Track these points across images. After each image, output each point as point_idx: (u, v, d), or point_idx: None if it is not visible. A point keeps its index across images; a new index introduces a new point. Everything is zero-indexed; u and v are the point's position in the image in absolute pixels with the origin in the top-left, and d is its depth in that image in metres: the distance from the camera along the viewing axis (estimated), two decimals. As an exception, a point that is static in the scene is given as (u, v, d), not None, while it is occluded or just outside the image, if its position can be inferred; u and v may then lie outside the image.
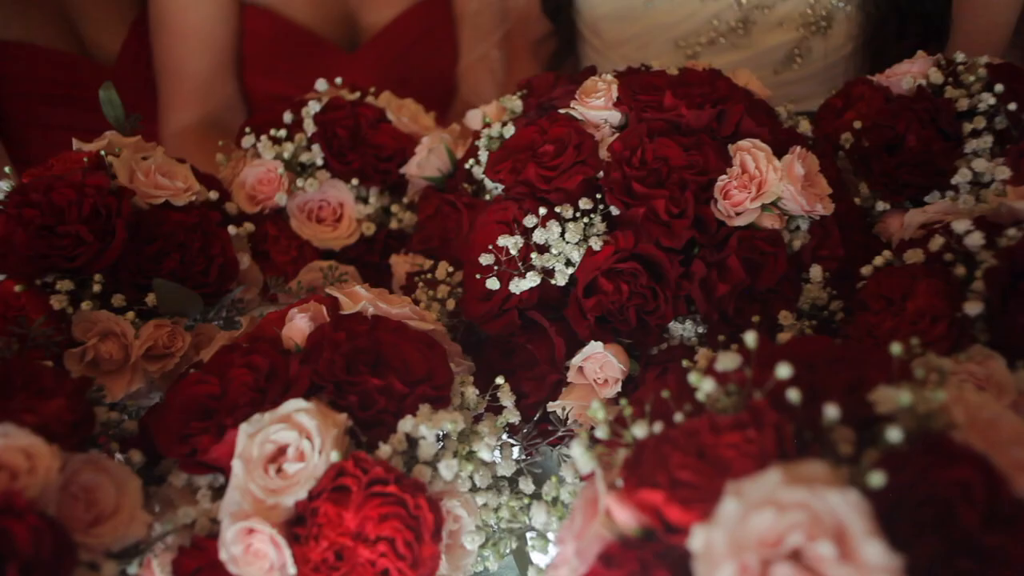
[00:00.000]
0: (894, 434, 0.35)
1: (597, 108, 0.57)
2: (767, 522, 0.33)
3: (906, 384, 0.37)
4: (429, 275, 0.60)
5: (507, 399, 0.49)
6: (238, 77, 1.24)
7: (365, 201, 0.71)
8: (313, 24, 1.22)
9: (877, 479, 0.33)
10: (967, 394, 0.39)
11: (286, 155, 0.69)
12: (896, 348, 0.39)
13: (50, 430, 0.43)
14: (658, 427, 0.40)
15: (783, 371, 0.37)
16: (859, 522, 0.32)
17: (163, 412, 0.49)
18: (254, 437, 0.44)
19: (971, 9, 0.97)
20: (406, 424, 0.45)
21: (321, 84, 0.75)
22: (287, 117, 0.72)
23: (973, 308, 0.48)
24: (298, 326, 0.51)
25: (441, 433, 0.45)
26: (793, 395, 0.37)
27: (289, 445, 0.44)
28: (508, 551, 0.47)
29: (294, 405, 0.45)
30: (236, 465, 0.44)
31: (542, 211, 0.55)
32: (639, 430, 0.40)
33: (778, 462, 0.35)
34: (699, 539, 0.34)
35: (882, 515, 0.33)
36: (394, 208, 0.71)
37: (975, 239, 0.50)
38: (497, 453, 0.48)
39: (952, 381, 0.41)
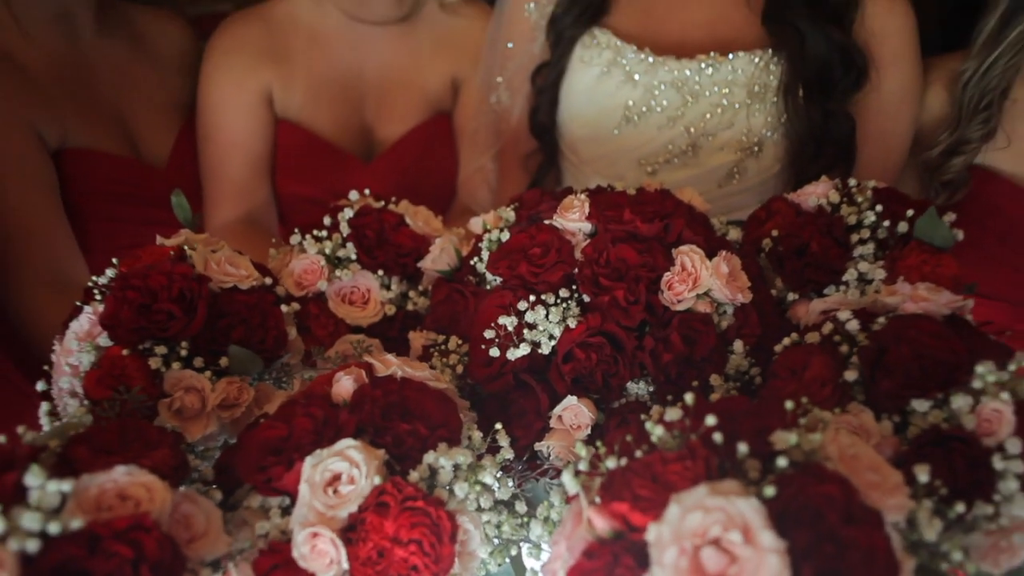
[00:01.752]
0: (781, 462, 0.46)
1: (573, 220, 0.69)
2: (697, 520, 0.44)
3: (794, 430, 0.49)
4: (443, 347, 0.71)
5: (503, 441, 0.60)
6: (272, 181, 1.34)
7: (388, 288, 0.82)
8: (336, 138, 1.33)
9: (770, 491, 0.44)
10: (840, 436, 0.51)
11: (326, 251, 0.80)
12: (789, 404, 0.51)
13: (159, 471, 0.53)
14: (624, 461, 0.51)
15: (710, 420, 0.49)
16: (758, 519, 0.43)
17: (241, 451, 0.59)
18: (316, 467, 0.55)
19: (871, 139, 1.10)
20: (429, 457, 0.56)
21: (353, 195, 0.86)
22: (326, 220, 0.83)
23: (851, 376, 0.60)
24: (344, 385, 0.62)
25: (454, 464, 0.56)
26: (718, 437, 0.48)
27: (342, 473, 0.55)
28: (507, 559, 0.58)
29: (345, 443, 0.56)
30: (303, 488, 0.54)
31: (531, 298, 0.67)
32: (611, 463, 0.51)
33: (706, 481, 0.47)
34: (652, 533, 0.45)
35: (774, 516, 0.44)
36: (411, 294, 0.82)
37: (853, 325, 0.63)
38: (496, 483, 0.59)
39: (830, 428, 0.52)
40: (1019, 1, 1.06)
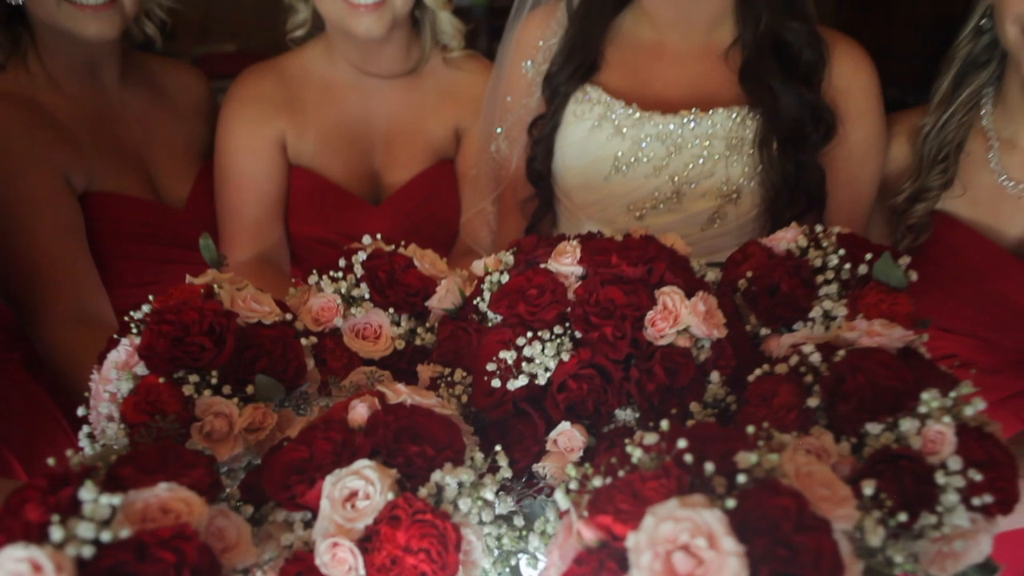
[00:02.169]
0: (742, 478, 0.53)
1: (566, 264, 0.76)
2: (669, 529, 0.50)
3: (755, 451, 0.56)
4: (449, 378, 0.77)
5: (503, 462, 0.66)
6: (284, 222, 1.39)
7: (398, 324, 0.87)
8: (346, 182, 1.40)
9: (731, 503, 0.51)
10: (797, 457, 0.57)
11: (342, 290, 0.86)
12: (751, 429, 0.58)
13: (196, 489, 0.58)
14: (608, 480, 0.57)
15: (681, 443, 0.55)
16: (720, 528, 0.49)
17: (267, 471, 0.65)
18: (335, 485, 0.60)
19: (840, 186, 1.18)
20: (436, 476, 0.62)
21: (366, 239, 0.92)
22: (341, 262, 0.89)
23: (813, 402, 0.66)
24: (359, 412, 0.68)
25: (459, 482, 0.62)
26: (688, 458, 0.54)
27: (359, 489, 0.60)
28: (508, 569, 0.63)
29: (362, 463, 0.62)
30: (324, 504, 0.60)
31: (529, 334, 0.72)
32: (597, 482, 0.58)
33: (677, 496, 0.53)
34: (631, 540, 0.51)
35: (735, 524, 0.50)
36: (419, 330, 0.87)
37: (816, 357, 0.69)
38: (496, 499, 0.64)
39: (789, 449, 0.59)
40: (969, 65, 1.15)
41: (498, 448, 0.66)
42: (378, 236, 0.94)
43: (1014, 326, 1.11)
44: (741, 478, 0.52)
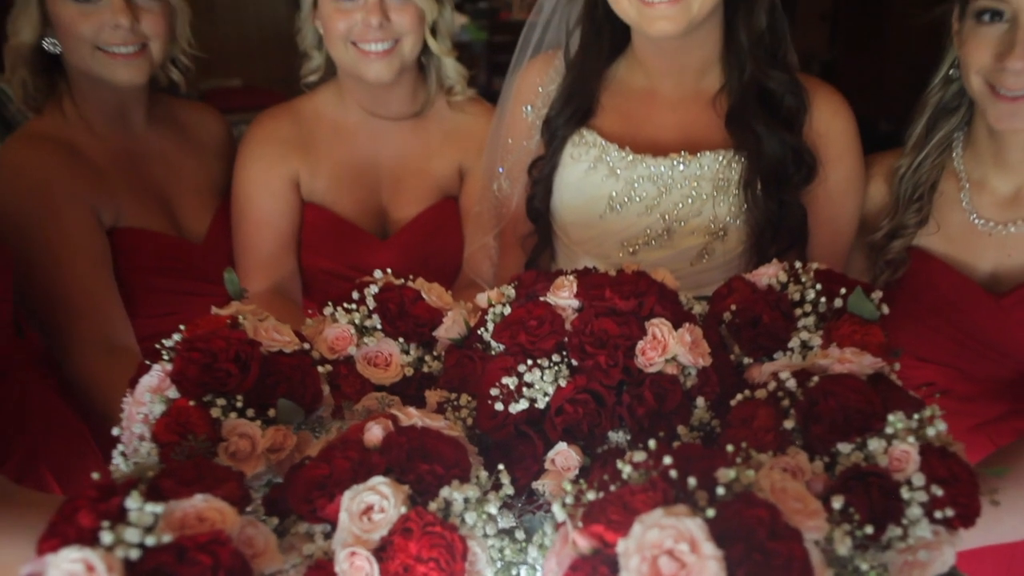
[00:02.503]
0: (721, 491, 0.58)
1: (563, 298, 0.81)
2: (655, 535, 0.55)
3: (734, 468, 0.61)
4: (455, 402, 0.83)
5: (505, 480, 0.71)
6: (297, 255, 1.45)
7: (407, 353, 0.91)
8: (355, 218, 1.46)
9: (711, 513, 0.56)
10: (773, 473, 0.63)
11: (355, 321, 0.91)
12: (730, 448, 0.63)
13: (228, 500, 0.63)
14: (601, 494, 0.63)
15: (667, 460, 0.61)
16: (701, 534, 0.54)
17: (290, 487, 0.70)
18: (353, 500, 0.65)
19: (821, 224, 1.23)
20: (444, 492, 0.67)
21: (378, 273, 0.97)
22: (355, 295, 0.93)
23: (789, 424, 0.72)
24: (374, 433, 0.73)
25: (465, 498, 0.67)
26: (673, 474, 0.59)
27: (375, 504, 0.65)
28: (508, 578, 0.68)
29: (377, 480, 0.67)
30: (343, 516, 0.65)
31: (529, 362, 0.78)
32: (591, 496, 0.63)
33: (663, 506, 0.58)
34: (621, 546, 0.56)
35: (715, 532, 0.55)
36: (427, 358, 0.91)
37: (792, 383, 0.75)
38: (499, 514, 0.70)
39: (765, 467, 0.64)
40: (940, 111, 1.22)
41: (501, 467, 0.72)
42: (388, 271, 0.99)
43: (986, 356, 1.17)
44: (721, 491, 0.57)
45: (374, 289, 0.96)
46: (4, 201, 1.23)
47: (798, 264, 0.93)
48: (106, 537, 0.55)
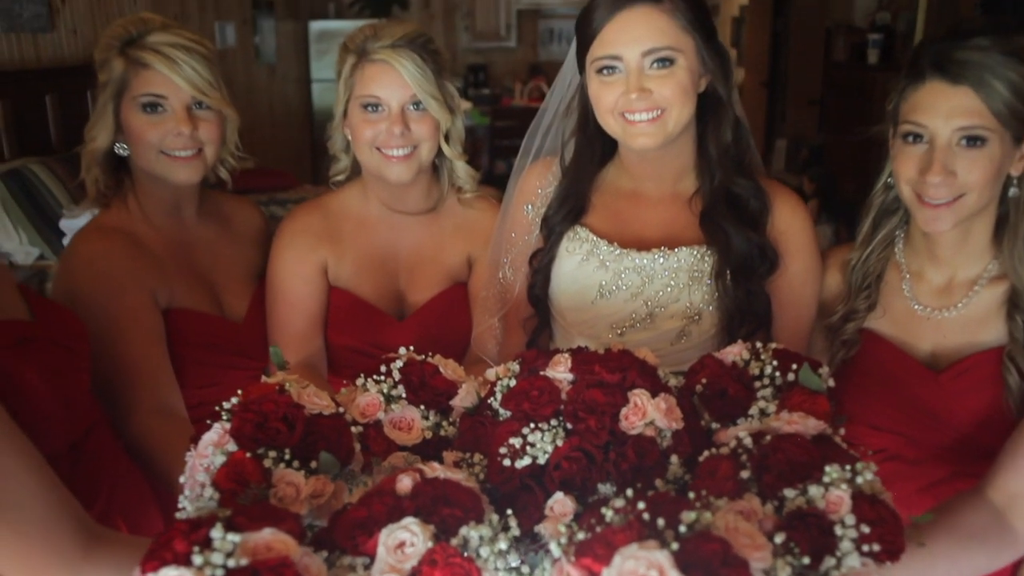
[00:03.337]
0: (683, 529, 0.72)
1: (560, 372, 0.95)
2: (631, 564, 0.68)
3: (695, 511, 0.75)
4: (469, 460, 0.97)
5: (512, 523, 0.85)
6: (324, 334, 1.58)
7: (427, 419, 1.03)
8: (376, 301, 1.59)
9: (675, 546, 0.69)
10: (727, 515, 0.76)
11: (383, 390, 1.05)
12: (691, 495, 0.77)
13: (290, 534, 0.77)
14: (589, 535, 0.76)
15: (641, 505, 0.75)
16: (668, 563, 0.67)
17: (336, 527, 0.83)
18: (389, 536, 0.78)
19: (783, 309, 1.38)
20: (463, 530, 0.80)
21: (402, 350, 1.11)
22: (383, 368, 1.08)
23: (745, 474, 0.86)
24: (405, 483, 0.86)
25: (480, 536, 0.80)
26: (646, 516, 0.74)
27: (406, 540, 0.78)
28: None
29: (408, 521, 0.80)
30: (380, 550, 0.78)
31: (532, 425, 0.92)
32: (581, 535, 0.77)
33: (638, 542, 0.72)
34: (605, 574, 0.70)
35: (679, 562, 0.68)
36: (444, 424, 1.04)
37: (748, 441, 0.89)
38: (508, 550, 0.83)
39: (722, 511, 0.78)
40: (883, 212, 1.39)
41: (510, 511, 0.85)
42: (411, 348, 1.14)
43: (929, 425, 1.31)
44: (683, 529, 0.71)
45: (399, 364, 1.10)
46: (77, 284, 1.38)
47: (759, 344, 1.08)
48: (197, 559, 0.69)
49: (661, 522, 0.72)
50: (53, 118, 3.88)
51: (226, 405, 0.97)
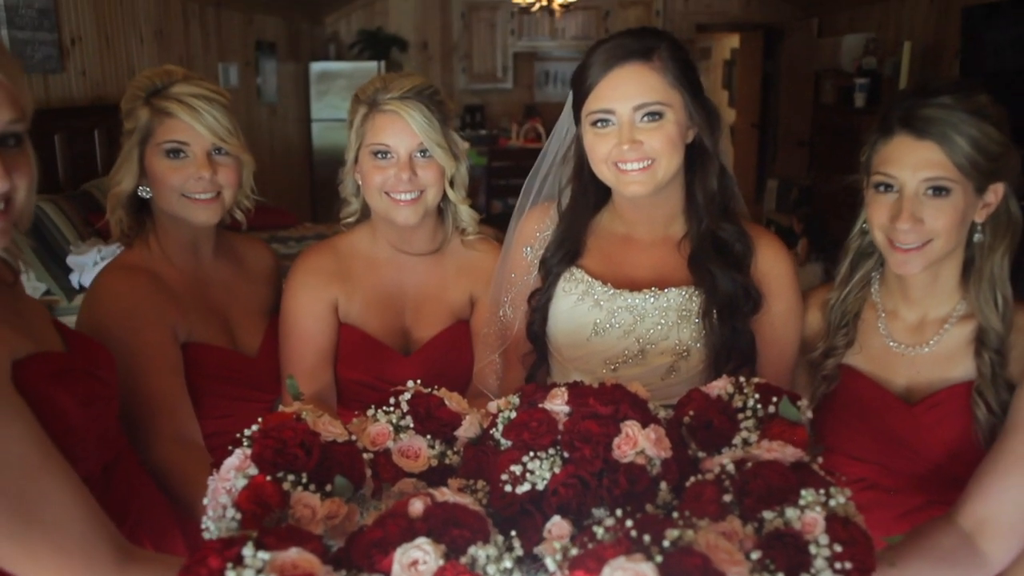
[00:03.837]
0: (666, 544, 0.79)
1: (557, 405, 1.03)
2: (620, 574, 0.76)
3: (677, 530, 0.82)
4: (473, 487, 1.04)
5: (515, 543, 0.92)
6: (334, 369, 1.64)
7: (433, 448, 1.10)
8: (383, 337, 1.66)
9: (659, 559, 0.77)
10: (708, 534, 0.84)
11: (392, 421, 1.13)
12: (676, 515, 0.85)
13: (314, 553, 0.84)
14: (582, 551, 0.83)
15: (628, 523, 0.82)
16: (652, 573, 0.75)
17: (354, 546, 0.90)
18: (403, 554, 0.85)
19: (767, 346, 1.45)
20: (471, 549, 0.87)
21: (410, 383, 1.20)
22: (392, 400, 1.17)
23: (728, 498, 0.93)
24: (417, 506, 0.93)
25: (487, 554, 0.87)
26: (633, 534, 0.81)
27: (419, 558, 0.85)
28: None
29: (420, 541, 0.86)
30: (395, 567, 0.85)
31: (531, 454, 1.00)
32: (575, 551, 0.84)
33: (625, 555, 0.79)
34: (596, 586, 0.77)
35: (663, 574, 0.76)
36: (449, 452, 1.10)
37: (731, 468, 0.97)
38: (512, 568, 0.90)
39: (704, 530, 0.85)
40: (860, 255, 1.48)
41: (513, 533, 0.92)
42: (418, 382, 1.22)
43: (904, 455, 1.38)
44: (667, 544, 0.78)
45: (407, 396, 1.18)
46: (101, 320, 1.46)
47: (742, 379, 1.16)
48: (230, 575, 0.76)
49: (647, 538, 0.79)
50: (61, 156, 3.99)
51: (247, 432, 1.04)
